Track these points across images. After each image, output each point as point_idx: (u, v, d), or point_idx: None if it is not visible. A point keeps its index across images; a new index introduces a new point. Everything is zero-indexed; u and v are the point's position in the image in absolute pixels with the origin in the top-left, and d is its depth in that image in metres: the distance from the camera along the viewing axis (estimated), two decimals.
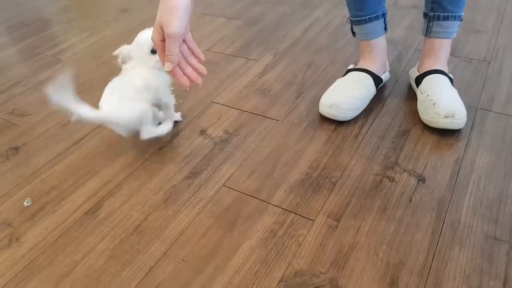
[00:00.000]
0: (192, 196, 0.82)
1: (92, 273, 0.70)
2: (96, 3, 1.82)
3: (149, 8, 1.67)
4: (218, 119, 1.02)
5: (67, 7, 1.81)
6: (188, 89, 0.68)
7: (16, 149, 0.99)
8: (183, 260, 0.71)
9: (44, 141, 1.01)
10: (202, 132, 0.98)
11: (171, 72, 0.66)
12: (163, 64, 0.65)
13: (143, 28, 0.90)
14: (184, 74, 0.67)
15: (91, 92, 1.17)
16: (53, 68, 1.31)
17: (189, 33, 0.68)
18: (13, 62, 1.40)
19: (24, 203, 0.84)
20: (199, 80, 0.68)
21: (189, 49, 0.69)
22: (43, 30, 1.59)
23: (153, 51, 0.87)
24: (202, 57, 0.70)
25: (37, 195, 0.86)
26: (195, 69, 0.69)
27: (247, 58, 1.27)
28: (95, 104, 0.83)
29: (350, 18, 1.02)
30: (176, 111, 0.99)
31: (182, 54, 0.67)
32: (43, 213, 0.82)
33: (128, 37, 0.91)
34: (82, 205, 0.83)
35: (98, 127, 1.03)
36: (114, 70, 0.92)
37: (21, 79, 1.28)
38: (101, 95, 0.87)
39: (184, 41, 0.67)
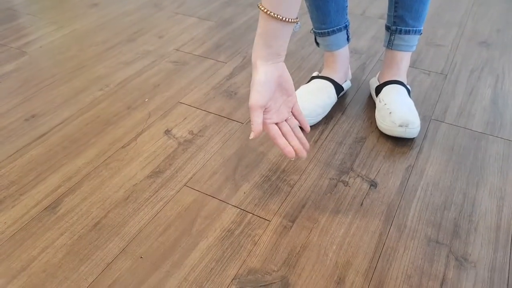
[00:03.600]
0: (153, 195, 0.84)
1: (49, 268, 0.71)
2: None
3: (119, 4, 1.66)
4: (184, 119, 1.04)
5: None
6: (293, 159, 0.73)
7: None
8: (141, 257, 0.72)
9: (6, 134, 1.00)
10: (167, 132, 1.00)
11: (276, 143, 0.72)
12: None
13: (113, 24, 0.90)
14: (291, 145, 0.72)
15: (55, 87, 1.16)
16: (18, 61, 1.29)
17: (297, 106, 0.75)
18: None
19: None
20: (303, 154, 0.73)
21: (298, 120, 0.75)
22: (10, 21, 1.56)
23: None
24: (307, 129, 0.76)
25: None
26: (300, 141, 0.74)
27: (216, 60, 1.29)
28: (57, 99, 0.83)
29: (314, 30, 1.06)
30: (142, 109, 0.99)
31: (290, 127, 0.74)
32: (1, 207, 0.81)
33: (97, 33, 0.91)
34: (42, 201, 0.83)
35: (62, 123, 1.03)
36: (80, 65, 0.92)
37: None
38: (66, 91, 0.87)
39: (292, 113, 0.74)
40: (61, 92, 1.14)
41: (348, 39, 1.06)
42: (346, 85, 1.10)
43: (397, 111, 0.96)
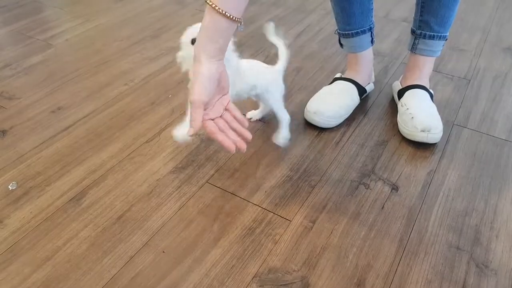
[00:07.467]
0: (176, 190, 0.85)
1: (73, 259, 0.72)
2: None
3: (143, 0, 1.68)
4: None
5: None
6: (234, 152, 0.67)
7: (3, 132, 1.00)
8: (163, 252, 0.73)
9: (32, 126, 1.02)
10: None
11: (215, 138, 0.67)
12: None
13: (137, 20, 0.90)
14: (230, 139, 0.68)
15: (80, 80, 1.18)
16: (44, 53, 1.32)
17: (231, 103, 0.70)
18: (4, 44, 1.40)
19: (9, 186, 0.86)
20: (243, 146, 0.68)
21: (232, 116, 0.70)
22: (37, 13, 1.59)
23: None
24: (245, 124, 0.71)
25: (22, 180, 0.87)
26: (239, 134, 0.69)
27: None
28: (82, 92, 0.85)
29: (338, 31, 1.05)
30: (166, 105, 1.00)
31: (226, 121, 0.69)
32: (28, 197, 0.84)
33: (122, 28, 0.92)
34: (67, 192, 0.85)
35: (87, 116, 1.04)
36: (105, 59, 0.93)
37: (11, 62, 1.28)
38: (91, 85, 0.88)
39: (226, 109, 0.70)
40: (86, 86, 1.16)
41: (372, 42, 1.06)
42: (369, 87, 1.10)
43: (419, 116, 0.95)
